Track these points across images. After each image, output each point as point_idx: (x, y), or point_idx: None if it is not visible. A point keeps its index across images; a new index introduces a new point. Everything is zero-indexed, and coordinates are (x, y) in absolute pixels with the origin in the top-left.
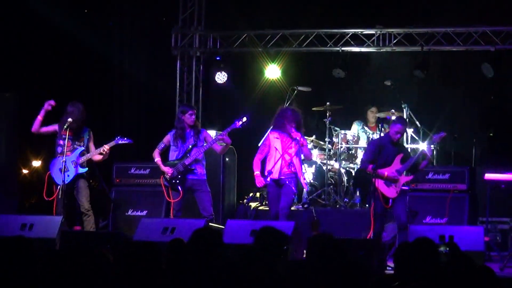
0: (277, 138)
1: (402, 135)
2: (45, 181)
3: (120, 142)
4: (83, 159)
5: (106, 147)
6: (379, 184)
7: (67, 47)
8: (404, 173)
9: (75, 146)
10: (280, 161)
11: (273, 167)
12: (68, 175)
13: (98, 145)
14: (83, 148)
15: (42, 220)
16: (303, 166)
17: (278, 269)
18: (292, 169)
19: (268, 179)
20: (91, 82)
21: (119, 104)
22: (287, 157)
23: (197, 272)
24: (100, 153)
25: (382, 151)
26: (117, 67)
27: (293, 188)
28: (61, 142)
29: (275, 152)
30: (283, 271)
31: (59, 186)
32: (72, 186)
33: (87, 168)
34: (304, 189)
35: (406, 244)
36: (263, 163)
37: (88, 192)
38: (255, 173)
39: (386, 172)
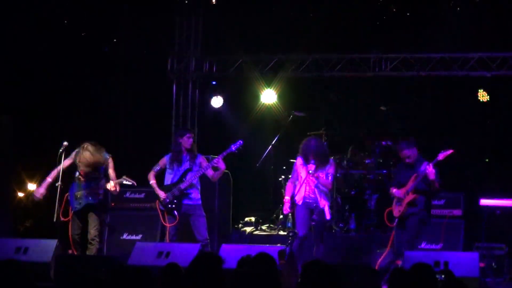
0: (302, 165)
1: (412, 156)
2: (63, 202)
3: (124, 182)
4: (99, 189)
5: (113, 185)
6: (393, 204)
7: (63, 71)
8: (411, 192)
9: (90, 175)
10: (303, 188)
11: (297, 193)
12: (80, 203)
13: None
14: (98, 179)
15: (37, 243)
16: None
17: None
18: (312, 196)
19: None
20: (86, 106)
21: (115, 127)
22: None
23: None
24: (113, 189)
25: (399, 174)
26: (112, 90)
27: (327, 217)
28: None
29: (300, 178)
30: None
31: (72, 211)
32: (84, 213)
33: (97, 200)
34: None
35: (400, 270)
36: None
37: (98, 222)
38: (285, 198)
39: (394, 190)
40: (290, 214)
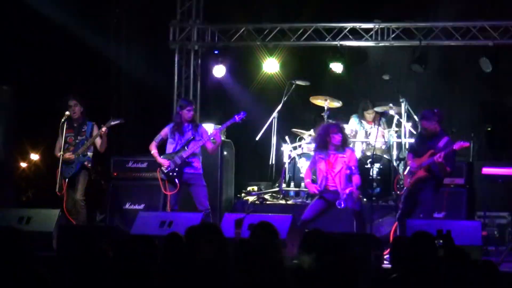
0: (322, 158)
1: (429, 129)
2: (56, 177)
3: (112, 123)
4: (83, 148)
5: (103, 128)
6: (407, 171)
7: (64, 41)
8: (424, 169)
9: (77, 141)
10: (324, 181)
11: (320, 185)
12: (72, 168)
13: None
14: (84, 140)
15: (39, 213)
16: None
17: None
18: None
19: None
20: (88, 75)
21: (117, 97)
22: (330, 178)
23: (194, 265)
24: (102, 134)
25: (416, 143)
26: (114, 61)
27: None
28: (68, 138)
29: (320, 172)
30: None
31: (65, 180)
32: (75, 179)
33: (86, 156)
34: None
35: (401, 238)
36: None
37: (85, 184)
38: (306, 181)
39: (409, 161)
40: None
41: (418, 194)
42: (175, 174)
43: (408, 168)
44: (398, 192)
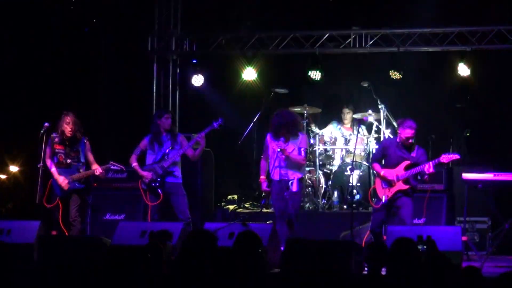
0: (272, 140)
1: (412, 139)
2: (47, 187)
3: (112, 168)
4: (78, 176)
5: (99, 170)
6: (376, 182)
7: (41, 52)
8: (403, 181)
9: (68, 161)
10: (277, 163)
11: (272, 169)
12: (65, 190)
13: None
14: (78, 164)
15: (20, 225)
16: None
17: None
18: (284, 171)
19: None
20: (66, 86)
21: (95, 108)
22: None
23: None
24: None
25: (386, 152)
26: (93, 71)
27: (293, 189)
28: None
29: (272, 153)
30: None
31: (57, 197)
32: (68, 196)
33: (84, 185)
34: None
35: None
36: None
37: (79, 202)
38: (260, 177)
39: (382, 172)
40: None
41: (396, 201)
42: (157, 184)
43: (378, 180)
44: (374, 206)
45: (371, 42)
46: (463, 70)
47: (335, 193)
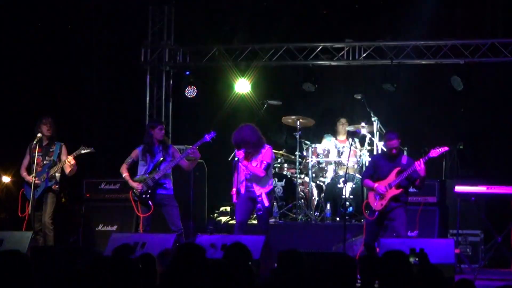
0: (240, 154)
1: (397, 149)
2: (19, 198)
3: (82, 151)
4: (51, 171)
5: (70, 158)
6: (369, 195)
7: (34, 63)
8: (395, 187)
9: (44, 162)
10: (243, 176)
11: (241, 183)
12: (37, 190)
13: None
14: (51, 162)
15: (12, 236)
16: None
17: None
18: (249, 184)
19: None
20: (60, 97)
21: (89, 118)
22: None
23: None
24: (69, 165)
25: (377, 166)
26: (87, 82)
27: (260, 205)
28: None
29: (239, 167)
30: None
31: (28, 202)
32: (41, 201)
33: (53, 181)
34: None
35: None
36: None
37: (53, 207)
38: (232, 190)
39: (376, 184)
40: None
41: (389, 214)
42: (148, 196)
43: (371, 193)
44: (368, 218)
45: (364, 55)
46: (456, 82)
47: (328, 205)
